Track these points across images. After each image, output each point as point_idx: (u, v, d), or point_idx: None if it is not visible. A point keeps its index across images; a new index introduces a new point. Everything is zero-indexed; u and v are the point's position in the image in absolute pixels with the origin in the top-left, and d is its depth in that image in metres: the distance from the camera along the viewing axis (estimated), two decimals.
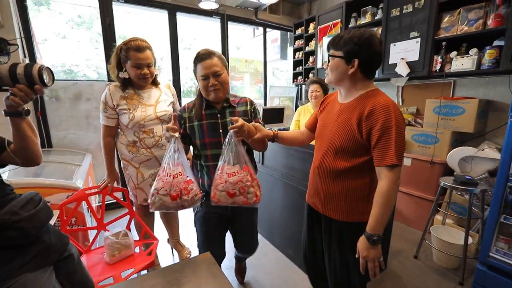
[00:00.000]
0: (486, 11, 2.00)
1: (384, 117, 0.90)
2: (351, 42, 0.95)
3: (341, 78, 1.02)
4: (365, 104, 0.97)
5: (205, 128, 1.26)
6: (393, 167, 0.91)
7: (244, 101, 1.33)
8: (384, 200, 0.92)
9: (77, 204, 1.49)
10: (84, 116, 2.74)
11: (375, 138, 0.92)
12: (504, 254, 1.47)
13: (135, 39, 1.45)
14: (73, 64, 3.32)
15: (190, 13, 3.21)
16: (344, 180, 1.05)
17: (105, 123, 1.53)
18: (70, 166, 2.15)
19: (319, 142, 1.15)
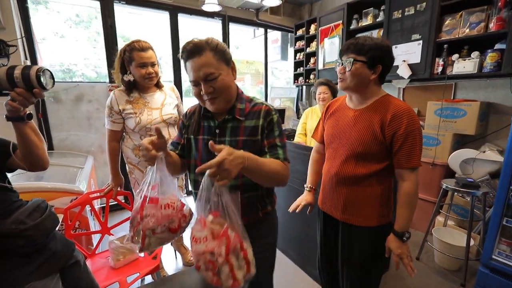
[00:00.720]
0: (488, 14, 2.01)
1: (407, 121, 0.95)
2: (377, 48, 0.97)
3: (361, 84, 1.02)
4: (385, 108, 1.00)
5: (200, 145, 0.94)
6: (415, 169, 0.98)
7: (258, 109, 0.91)
8: (411, 200, 1.00)
9: (81, 208, 1.48)
10: (85, 117, 2.73)
11: (399, 142, 0.96)
12: (506, 256, 1.48)
13: (138, 40, 1.45)
14: (71, 64, 3.30)
15: (191, 14, 3.21)
16: (366, 186, 1.06)
17: (111, 127, 1.53)
18: (72, 169, 2.14)
19: (334, 150, 1.13)
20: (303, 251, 1.95)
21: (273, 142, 0.90)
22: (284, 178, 0.88)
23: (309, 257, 1.89)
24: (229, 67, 0.88)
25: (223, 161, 0.65)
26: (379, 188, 1.05)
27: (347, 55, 1.01)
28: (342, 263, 1.18)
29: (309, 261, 1.90)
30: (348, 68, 1.00)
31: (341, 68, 1.03)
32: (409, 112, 0.96)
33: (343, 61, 1.02)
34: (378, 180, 1.05)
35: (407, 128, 0.94)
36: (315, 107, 2.49)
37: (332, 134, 1.15)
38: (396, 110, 0.97)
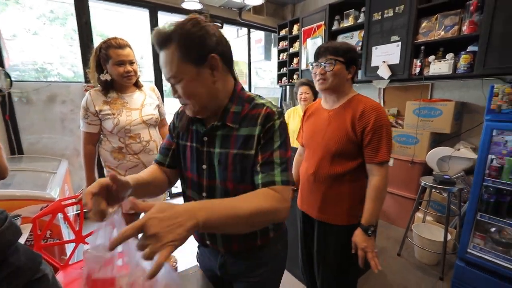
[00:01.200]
0: (461, 18, 2.09)
1: (375, 117, 1.00)
2: (352, 51, 1.06)
3: (340, 84, 1.08)
4: (355, 106, 1.06)
5: (188, 153, 0.78)
6: (383, 164, 1.02)
7: (256, 113, 0.69)
8: (378, 195, 1.02)
9: (53, 216, 1.39)
10: (59, 119, 2.58)
11: (368, 137, 1.02)
12: (480, 249, 1.55)
13: (114, 38, 1.39)
14: (46, 62, 3.13)
15: (172, 12, 3.12)
16: (341, 184, 1.10)
17: (87, 129, 1.44)
18: (44, 174, 2.01)
19: (311, 150, 1.17)
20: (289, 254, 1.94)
21: (270, 158, 0.66)
22: (279, 213, 0.62)
23: (293, 257, 1.88)
24: (203, 67, 0.64)
25: (145, 224, 0.43)
26: (353, 187, 1.10)
27: (325, 57, 1.06)
28: (318, 262, 1.21)
29: (293, 261, 1.89)
30: (330, 69, 1.05)
31: (321, 69, 1.07)
32: (377, 108, 1.02)
33: (321, 62, 1.07)
34: (352, 178, 1.09)
35: (375, 124, 1.00)
36: (297, 107, 2.50)
37: (309, 135, 1.20)
38: (365, 107, 1.03)
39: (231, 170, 0.70)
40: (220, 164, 0.71)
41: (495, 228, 1.54)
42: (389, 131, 1.02)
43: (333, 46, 1.06)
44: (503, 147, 1.40)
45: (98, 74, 1.42)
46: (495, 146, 1.43)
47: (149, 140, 1.51)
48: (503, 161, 1.44)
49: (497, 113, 1.34)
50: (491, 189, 1.49)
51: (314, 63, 1.11)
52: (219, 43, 0.66)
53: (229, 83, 0.73)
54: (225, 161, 0.70)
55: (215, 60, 0.65)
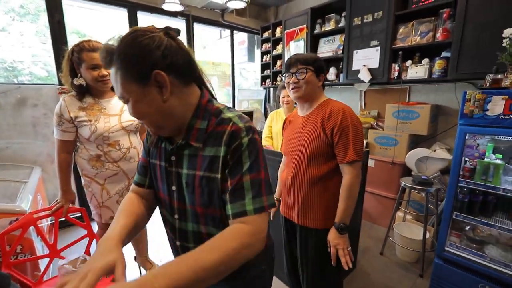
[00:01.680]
0: (435, 25, 2.19)
1: (341, 118, 1.04)
2: (319, 60, 1.14)
3: (312, 91, 1.14)
4: (324, 109, 1.11)
5: (158, 172, 0.72)
6: (353, 163, 1.05)
7: (221, 130, 0.62)
8: (349, 194, 1.06)
9: (23, 231, 1.29)
10: (30, 123, 2.42)
11: (336, 137, 1.06)
12: (456, 247, 1.62)
13: (88, 40, 1.33)
14: (16, 61, 2.93)
15: (152, 12, 3.03)
16: (319, 187, 1.13)
17: (61, 137, 1.36)
18: (14, 183, 1.88)
19: (289, 156, 1.22)
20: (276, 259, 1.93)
21: (239, 183, 0.60)
22: (252, 247, 0.57)
23: (279, 261, 1.88)
24: (148, 85, 0.56)
25: None
26: (331, 189, 1.12)
27: (296, 67, 1.12)
28: (302, 266, 1.23)
29: (279, 265, 1.89)
30: (302, 77, 1.11)
31: (294, 78, 1.13)
32: (343, 110, 1.06)
33: (293, 72, 1.13)
34: (329, 181, 1.12)
35: (341, 124, 1.04)
36: (280, 110, 2.51)
37: (286, 143, 1.26)
38: (332, 109, 1.08)
39: (198, 193, 0.64)
40: (188, 186, 0.66)
41: (469, 227, 1.62)
42: (357, 131, 1.05)
43: (302, 56, 1.13)
44: (475, 150, 1.47)
45: (72, 79, 1.35)
46: (468, 149, 1.51)
47: (130, 147, 1.45)
48: (475, 163, 1.52)
49: (470, 118, 1.41)
50: (465, 190, 1.56)
51: (286, 74, 1.16)
52: (167, 56, 0.57)
53: (191, 96, 0.65)
54: (192, 184, 0.65)
55: (160, 76, 0.56)
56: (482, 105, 1.35)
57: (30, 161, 2.42)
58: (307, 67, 1.11)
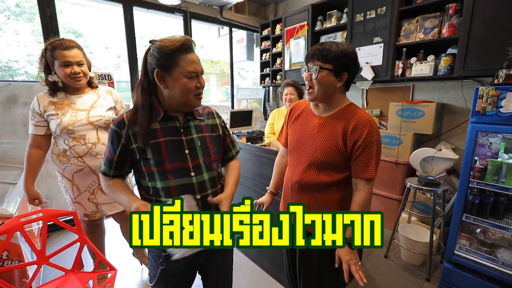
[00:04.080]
0: (441, 21, 2.13)
1: (368, 132, 0.95)
2: (343, 56, 0.94)
3: (327, 92, 0.99)
4: (348, 118, 0.99)
5: (163, 148, 0.89)
6: (370, 181, 0.98)
7: (209, 111, 1.04)
8: (362, 209, 0.99)
9: (8, 236, 1.21)
10: (21, 122, 2.32)
11: (358, 151, 0.96)
12: (466, 250, 1.56)
13: (61, 39, 1.39)
14: (11, 60, 2.84)
15: (148, 8, 2.95)
16: (326, 194, 1.05)
17: (33, 131, 1.40)
18: (3, 185, 1.79)
19: (297, 157, 1.11)
20: (276, 261, 1.86)
21: (232, 139, 1.11)
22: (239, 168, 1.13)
23: (282, 267, 1.80)
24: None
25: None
26: (338, 197, 1.05)
27: (313, 61, 0.98)
28: (300, 274, 1.16)
29: (282, 271, 1.82)
30: (314, 76, 0.97)
31: (307, 74, 1.00)
32: (370, 123, 0.96)
33: (309, 67, 0.99)
34: (338, 189, 1.05)
35: (366, 139, 0.95)
36: (282, 108, 2.45)
37: (295, 141, 1.12)
38: (359, 120, 0.97)
39: (211, 147, 0.97)
40: (202, 143, 0.95)
41: (480, 229, 1.55)
42: (380, 148, 0.98)
43: (323, 49, 0.95)
44: (488, 149, 1.41)
45: (46, 75, 1.40)
46: (480, 148, 1.44)
47: (96, 143, 1.43)
48: (486, 163, 1.46)
49: (482, 115, 1.35)
50: (475, 190, 1.50)
51: (303, 66, 1.03)
52: None
53: None
54: (204, 141, 0.96)
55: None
56: (495, 101, 1.28)
57: (20, 162, 2.29)
58: (323, 64, 0.95)
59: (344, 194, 1.06)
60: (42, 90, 2.38)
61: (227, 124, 2.86)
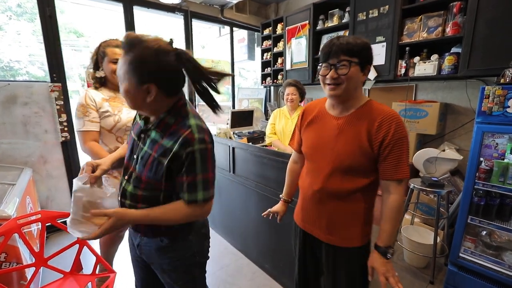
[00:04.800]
0: (445, 19, 2.10)
1: (395, 128, 0.86)
2: (367, 48, 0.89)
3: (355, 88, 0.91)
4: (370, 115, 0.90)
5: (130, 142, 0.94)
6: (402, 181, 0.90)
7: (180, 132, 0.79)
8: (396, 215, 0.91)
9: (6, 238, 1.19)
10: (20, 122, 2.31)
11: (386, 150, 0.88)
12: (471, 253, 1.53)
13: (115, 38, 1.45)
14: (12, 60, 2.83)
15: (148, 8, 2.92)
16: (351, 202, 0.96)
17: (88, 127, 1.35)
18: (1, 186, 1.77)
19: (316, 163, 1.01)
20: (278, 263, 1.84)
21: (194, 180, 0.81)
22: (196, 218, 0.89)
23: (284, 269, 1.78)
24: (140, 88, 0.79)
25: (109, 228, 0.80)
26: (363, 205, 0.97)
27: (337, 57, 0.88)
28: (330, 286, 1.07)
29: (284, 273, 1.80)
30: (344, 72, 0.87)
31: (333, 72, 0.89)
32: (396, 118, 0.88)
33: (336, 64, 0.89)
34: (363, 196, 0.96)
35: (394, 135, 0.86)
36: (283, 108, 2.43)
37: (313, 146, 1.02)
38: (384, 116, 0.88)
39: (147, 168, 0.84)
40: (142, 159, 0.85)
41: (485, 231, 1.53)
42: (408, 145, 0.89)
43: (347, 43, 0.87)
44: (494, 150, 1.38)
45: (94, 71, 1.44)
46: (486, 149, 1.41)
47: None
48: (491, 164, 1.43)
49: (488, 115, 1.32)
50: (481, 192, 1.47)
51: (323, 65, 0.93)
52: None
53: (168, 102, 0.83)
54: (146, 159, 0.84)
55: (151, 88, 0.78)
56: (502, 101, 1.25)
57: (20, 162, 2.30)
58: (352, 59, 0.87)
59: (368, 204, 0.98)
60: (43, 90, 2.37)
61: (228, 125, 2.83)
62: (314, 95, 3.53)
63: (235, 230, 2.26)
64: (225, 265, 2.05)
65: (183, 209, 0.82)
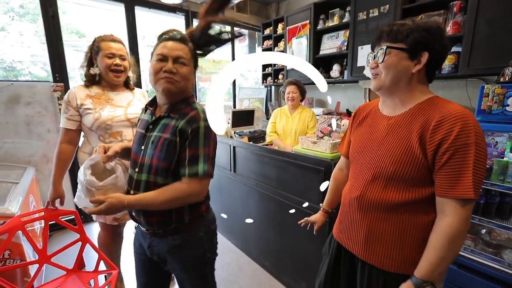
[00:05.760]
0: (445, 18, 2.10)
1: (459, 130, 0.66)
2: (421, 30, 0.72)
3: (399, 80, 0.76)
4: (430, 113, 0.73)
5: (137, 136, 0.99)
6: (465, 202, 0.68)
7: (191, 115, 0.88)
8: (448, 243, 0.69)
9: (10, 235, 1.21)
10: (23, 122, 2.33)
11: (444, 157, 0.68)
12: (471, 251, 1.53)
13: (110, 34, 1.41)
14: (15, 61, 2.86)
15: (150, 8, 2.95)
16: (398, 217, 0.79)
17: (64, 125, 1.33)
18: (5, 184, 1.79)
19: (358, 167, 0.89)
20: (279, 262, 1.85)
21: (193, 154, 0.86)
22: (191, 197, 0.87)
23: (285, 268, 1.80)
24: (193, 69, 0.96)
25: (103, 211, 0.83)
26: (413, 224, 0.78)
27: (379, 44, 0.78)
28: None
29: (285, 271, 1.81)
30: (381, 60, 0.75)
31: (373, 62, 0.79)
32: (464, 117, 0.67)
33: (375, 52, 0.79)
34: (413, 213, 0.77)
35: (456, 140, 0.66)
36: (284, 107, 2.44)
37: (357, 148, 0.91)
38: (445, 115, 0.69)
39: (158, 149, 0.87)
40: (153, 143, 0.89)
41: (485, 230, 1.53)
42: (482, 154, 0.67)
43: (391, 28, 0.75)
44: (494, 148, 1.38)
45: (88, 68, 1.40)
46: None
47: (132, 140, 1.39)
48: (491, 162, 1.43)
49: (488, 114, 1.32)
50: (480, 190, 1.47)
51: (369, 54, 0.83)
52: None
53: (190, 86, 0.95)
54: (156, 142, 0.88)
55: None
56: (502, 100, 1.26)
57: (24, 161, 2.33)
58: (392, 44, 0.74)
59: (422, 223, 0.77)
60: (45, 90, 2.40)
61: (229, 125, 2.85)
62: (315, 95, 3.54)
63: (235, 229, 2.27)
64: (226, 263, 2.06)
65: (180, 186, 0.86)
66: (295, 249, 1.70)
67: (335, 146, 1.46)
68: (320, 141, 1.50)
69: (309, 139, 1.57)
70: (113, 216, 1.44)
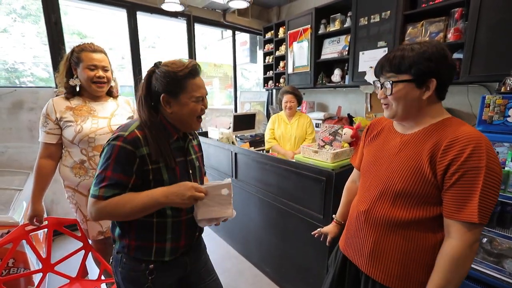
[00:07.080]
0: (446, 25, 2.10)
1: (469, 153, 0.66)
2: (423, 60, 0.72)
3: (411, 108, 0.77)
4: (443, 133, 0.73)
5: (178, 169, 0.90)
6: (472, 226, 0.67)
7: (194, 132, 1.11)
8: (454, 266, 0.69)
9: (14, 245, 1.22)
10: (26, 128, 2.36)
11: (452, 179, 0.68)
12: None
13: (90, 43, 1.32)
14: (17, 62, 2.87)
15: (152, 13, 2.96)
16: (404, 234, 0.79)
17: (43, 139, 1.26)
18: (9, 191, 1.81)
19: (368, 181, 0.90)
20: (280, 269, 1.86)
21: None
22: None
23: (287, 274, 1.80)
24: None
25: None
26: (420, 243, 0.77)
27: (383, 74, 0.80)
28: None
29: (287, 278, 1.82)
30: (389, 92, 0.78)
31: (381, 92, 0.81)
32: (476, 141, 0.67)
33: (381, 83, 0.81)
34: (420, 231, 0.77)
35: (466, 162, 0.66)
36: (281, 113, 2.46)
37: (368, 162, 0.92)
38: (457, 136, 0.69)
39: (202, 166, 1.05)
40: (199, 164, 1.01)
41: (486, 239, 1.53)
42: (493, 179, 0.66)
43: (394, 57, 0.76)
44: None
45: (68, 79, 1.30)
46: None
47: None
48: None
49: (489, 124, 1.33)
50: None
51: (375, 81, 0.85)
52: None
53: None
54: (199, 162, 1.02)
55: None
56: (503, 110, 1.26)
57: (27, 167, 2.34)
58: (398, 76, 0.76)
59: (429, 243, 0.77)
60: (47, 96, 2.41)
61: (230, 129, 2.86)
62: (316, 99, 3.55)
63: (237, 234, 2.28)
64: (227, 269, 2.07)
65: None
66: (296, 256, 1.70)
67: (336, 156, 1.46)
68: (321, 151, 1.50)
69: (310, 148, 1.58)
70: (98, 230, 1.38)
